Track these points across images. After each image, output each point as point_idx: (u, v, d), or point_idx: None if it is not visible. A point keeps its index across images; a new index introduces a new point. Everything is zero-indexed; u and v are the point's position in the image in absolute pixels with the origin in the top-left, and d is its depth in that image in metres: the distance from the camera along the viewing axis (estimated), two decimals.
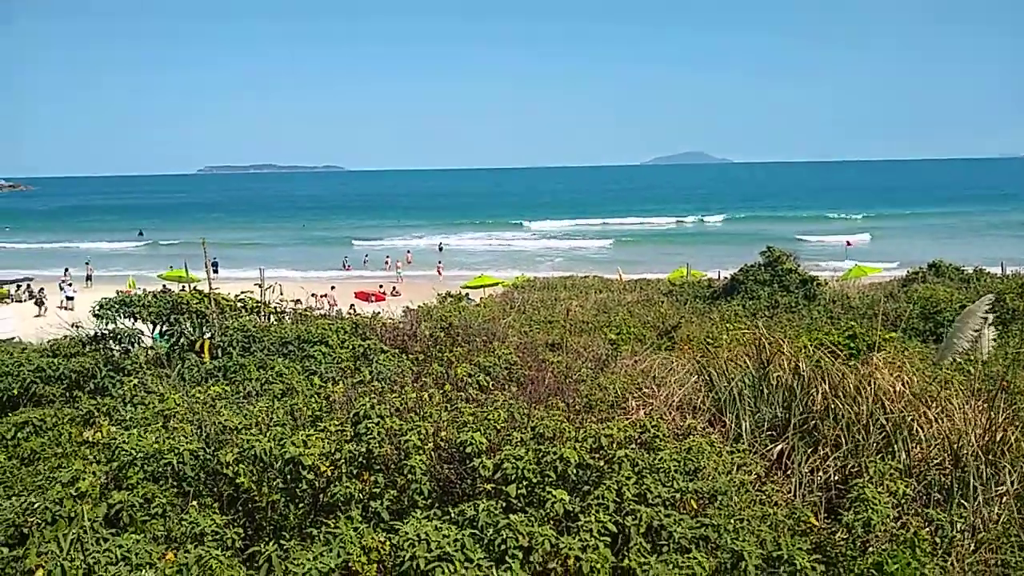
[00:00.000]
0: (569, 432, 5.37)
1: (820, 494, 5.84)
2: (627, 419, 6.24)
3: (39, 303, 38.31)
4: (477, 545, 4.23)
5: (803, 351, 7.18)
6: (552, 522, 4.58)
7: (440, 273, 52.30)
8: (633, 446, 5.41)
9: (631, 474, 4.92)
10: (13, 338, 19.26)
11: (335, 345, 8.41)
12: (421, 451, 5.02)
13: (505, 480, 4.89)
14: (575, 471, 4.97)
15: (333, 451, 4.94)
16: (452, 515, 4.57)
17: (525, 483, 4.87)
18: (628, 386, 7.67)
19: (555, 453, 4.96)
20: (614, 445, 5.23)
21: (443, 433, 5.43)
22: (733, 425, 6.81)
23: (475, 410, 5.87)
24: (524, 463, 4.92)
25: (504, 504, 4.68)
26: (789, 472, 6.19)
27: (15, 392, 8.37)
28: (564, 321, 12.92)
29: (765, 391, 7.04)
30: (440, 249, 71.44)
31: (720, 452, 5.55)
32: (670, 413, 7.04)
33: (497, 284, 35.41)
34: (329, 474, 4.88)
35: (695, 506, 4.87)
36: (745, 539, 4.42)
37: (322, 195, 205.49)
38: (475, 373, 7.51)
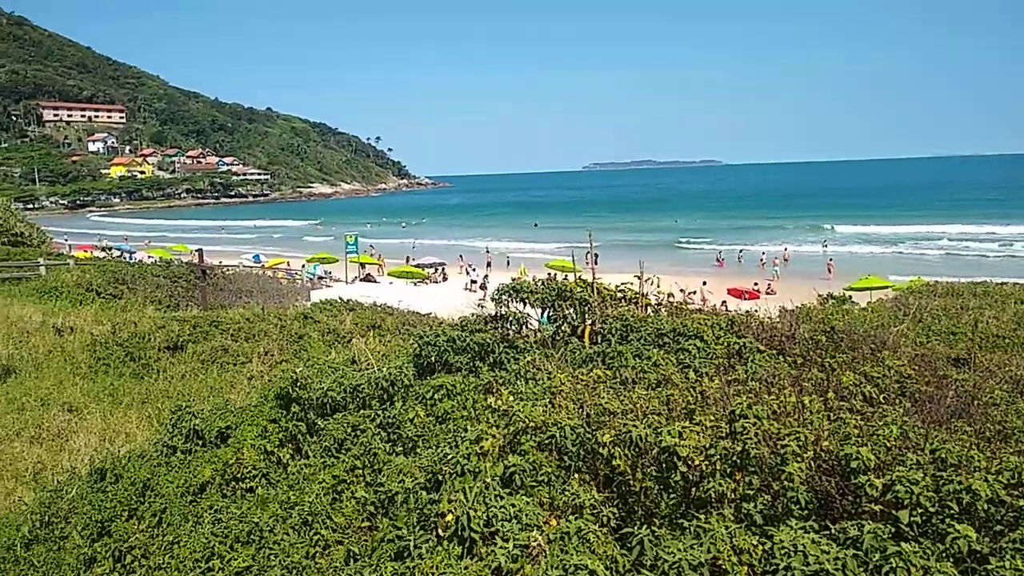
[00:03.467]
0: (979, 461, 4.67)
1: None
2: None
3: (483, 287, 43.78)
4: (860, 568, 3.91)
5: None
6: (952, 559, 4.04)
7: (831, 271, 49.00)
8: None
9: None
10: (430, 313, 22.55)
11: (710, 340, 8.36)
12: (800, 459, 4.77)
13: (896, 504, 4.43)
14: (984, 507, 4.31)
15: (708, 446, 4.92)
16: (832, 531, 4.27)
17: (920, 511, 4.36)
18: None
19: (960, 483, 4.36)
20: None
21: (824, 443, 5.09)
22: None
23: (861, 423, 5.40)
24: (920, 488, 4.40)
25: (893, 530, 4.25)
26: None
27: (432, 359, 9.79)
28: (972, 334, 11.23)
29: None
30: (824, 246, 66.94)
31: None
32: None
33: (887, 287, 32.13)
34: (703, 469, 4.88)
35: None
36: None
37: (697, 190, 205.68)
38: (861, 383, 6.90)
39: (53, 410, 12.26)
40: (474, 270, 52.59)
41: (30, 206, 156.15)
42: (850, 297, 17.73)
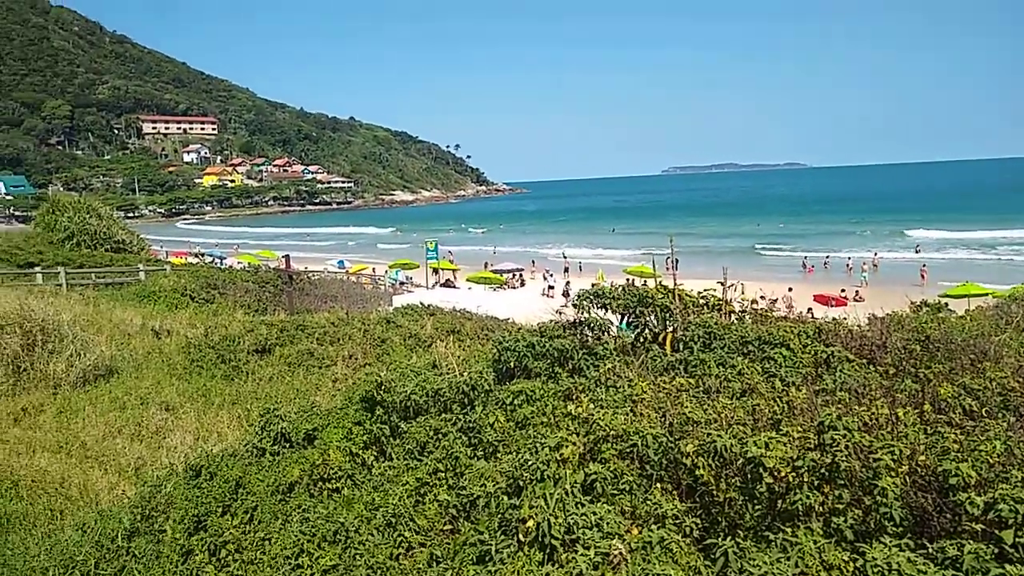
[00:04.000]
0: None
1: None
2: None
3: (565, 294, 43.60)
4: None
5: None
6: None
7: (924, 278, 47.01)
8: None
9: None
10: (508, 318, 22.67)
11: (796, 349, 8.13)
12: (894, 473, 4.60)
13: (999, 523, 4.21)
14: None
15: (795, 457, 4.80)
16: (929, 550, 4.10)
17: None
18: None
19: None
20: None
21: (920, 458, 4.89)
22: None
23: (961, 438, 5.16)
24: None
25: (996, 551, 4.05)
26: None
27: (512, 364, 9.85)
28: None
29: None
30: (916, 251, 64.31)
31: None
32: None
33: (987, 294, 30.60)
34: (790, 480, 4.76)
35: None
36: None
37: (780, 194, 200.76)
38: (960, 396, 6.60)
39: (151, 409, 12.88)
40: (551, 276, 52.69)
41: (130, 214, 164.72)
42: (946, 304, 16.97)
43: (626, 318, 10.82)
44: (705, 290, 10.57)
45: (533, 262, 63.57)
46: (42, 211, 43.10)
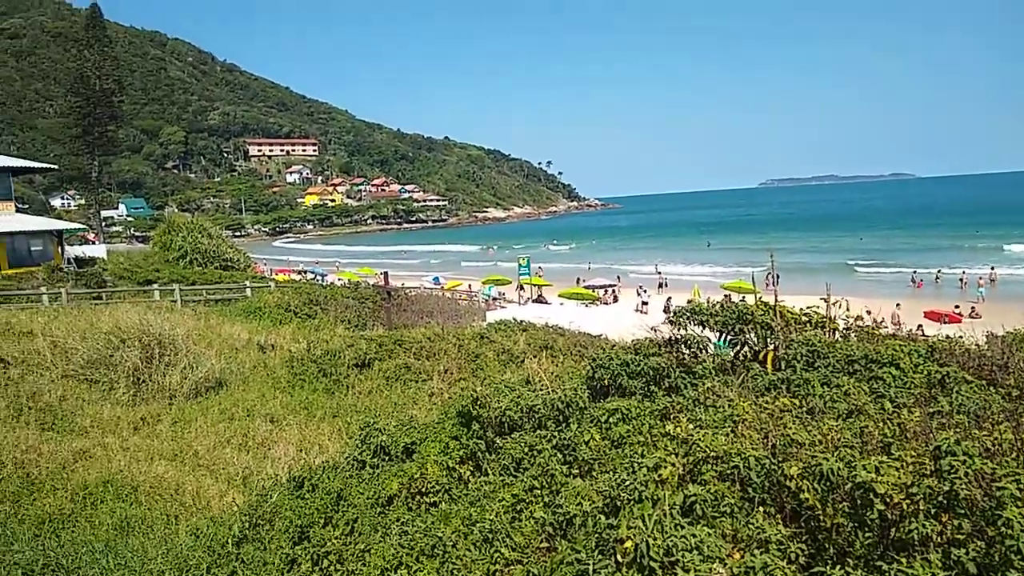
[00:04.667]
0: None
1: None
2: None
3: (666, 310, 42.57)
4: None
5: None
6: None
7: None
8: None
9: None
10: (601, 335, 22.50)
11: (907, 368, 7.73)
12: (1020, 503, 4.31)
13: None
14: None
15: (909, 484, 4.56)
16: None
17: None
18: None
19: None
20: None
21: None
22: None
23: None
24: None
25: None
26: None
27: (606, 382, 9.77)
28: None
29: None
30: None
31: None
32: None
33: None
34: (903, 508, 4.52)
35: None
36: None
37: (883, 207, 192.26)
38: None
39: (257, 420, 13.42)
40: (645, 292, 52.09)
41: (237, 234, 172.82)
42: None
43: (724, 336, 10.56)
44: (808, 307, 10.22)
45: (619, 278, 62.94)
46: (159, 231, 45.90)
